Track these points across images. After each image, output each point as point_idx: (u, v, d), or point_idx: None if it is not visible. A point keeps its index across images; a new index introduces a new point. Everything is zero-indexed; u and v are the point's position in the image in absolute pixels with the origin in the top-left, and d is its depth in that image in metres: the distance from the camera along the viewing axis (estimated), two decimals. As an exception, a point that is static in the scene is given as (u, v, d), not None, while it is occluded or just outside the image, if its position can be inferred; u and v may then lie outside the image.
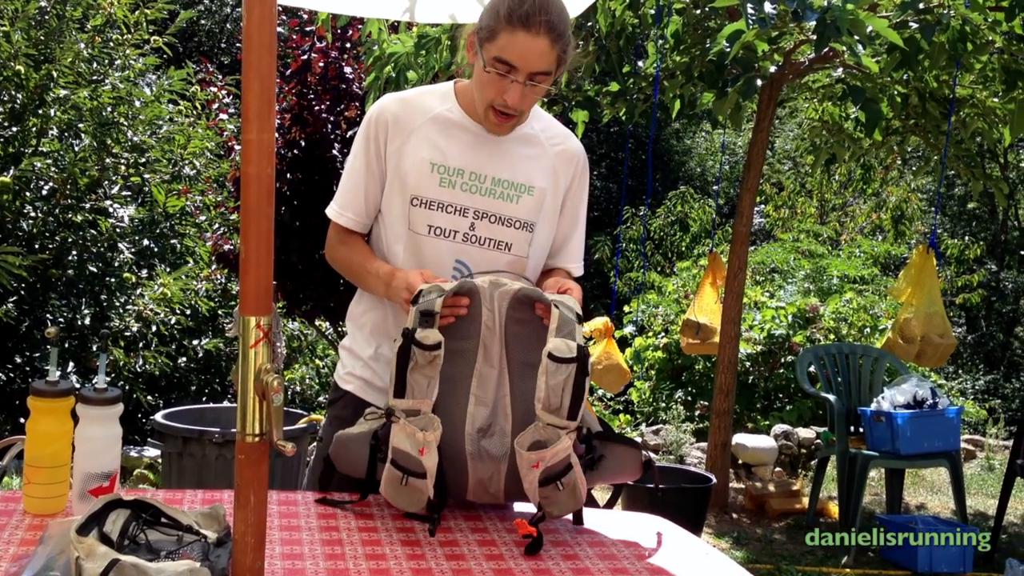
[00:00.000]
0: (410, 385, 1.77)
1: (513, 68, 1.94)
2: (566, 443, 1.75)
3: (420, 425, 1.75)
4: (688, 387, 8.08)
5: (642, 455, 1.91)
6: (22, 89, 6.48)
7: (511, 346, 1.86)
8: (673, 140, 20.99)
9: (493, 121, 2.03)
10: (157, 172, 7.30)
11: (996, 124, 5.66)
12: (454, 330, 1.82)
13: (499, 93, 1.97)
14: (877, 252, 11.09)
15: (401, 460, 1.75)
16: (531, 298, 1.86)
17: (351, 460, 1.89)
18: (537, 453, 1.73)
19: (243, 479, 1.44)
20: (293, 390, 8.18)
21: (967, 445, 8.20)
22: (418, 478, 1.74)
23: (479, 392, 1.84)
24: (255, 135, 1.41)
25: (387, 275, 2.00)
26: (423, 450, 1.72)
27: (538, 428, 1.75)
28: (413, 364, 1.76)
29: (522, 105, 1.99)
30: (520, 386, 1.84)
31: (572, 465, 1.76)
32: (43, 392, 1.70)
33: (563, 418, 1.75)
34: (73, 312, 6.59)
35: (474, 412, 1.82)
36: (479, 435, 1.81)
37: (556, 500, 1.76)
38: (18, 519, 1.69)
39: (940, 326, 5.31)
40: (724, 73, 4.82)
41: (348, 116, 6.44)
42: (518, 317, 1.86)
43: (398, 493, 1.77)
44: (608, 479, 1.87)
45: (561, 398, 1.74)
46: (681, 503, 4.86)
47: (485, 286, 1.85)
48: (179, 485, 4.07)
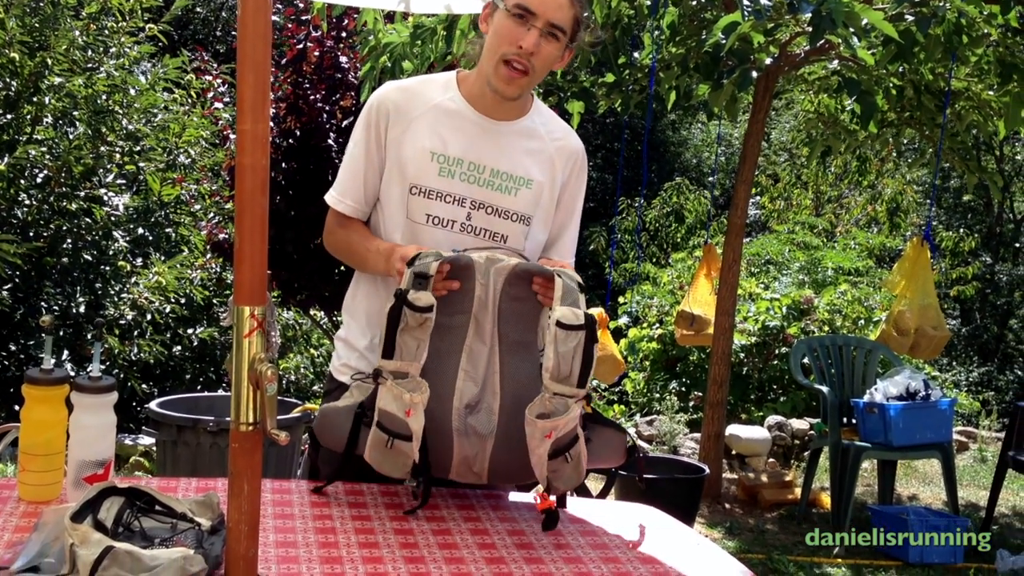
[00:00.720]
0: (399, 346, 1.75)
1: (533, 14, 1.96)
2: (575, 411, 1.75)
3: (408, 387, 1.74)
4: (682, 378, 8.10)
5: (627, 440, 1.92)
6: (16, 77, 6.46)
7: (504, 323, 1.85)
8: (669, 131, 20.99)
9: (503, 77, 2.01)
10: (152, 160, 7.29)
11: (991, 117, 5.67)
12: (446, 304, 1.81)
13: (515, 40, 1.98)
14: (872, 244, 11.11)
15: (387, 422, 1.74)
16: (530, 272, 1.85)
17: (333, 434, 1.88)
18: (551, 421, 1.71)
19: (237, 467, 1.45)
20: (288, 379, 8.18)
21: (960, 437, 8.23)
22: (403, 440, 1.73)
23: (469, 368, 1.83)
24: (250, 125, 1.41)
25: (387, 251, 2.00)
26: (409, 411, 1.71)
27: (544, 399, 1.74)
28: (403, 325, 1.75)
29: (536, 57, 2.00)
30: (510, 364, 1.84)
31: (578, 436, 1.77)
32: (37, 380, 1.71)
33: (573, 386, 1.74)
34: (68, 300, 6.59)
35: (463, 388, 1.82)
36: (466, 411, 1.81)
37: (563, 473, 1.76)
38: (12, 506, 1.70)
39: (934, 318, 5.33)
40: (720, 65, 4.82)
41: (344, 105, 6.43)
42: (513, 294, 1.85)
43: (383, 457, 1.75)
44: (593, 462, 1.86)
45: (571, 366, 1.73)
46: (674, 493, 4.88)
47: (481, 261, 1.84)
48: (174, 473, 4.08)
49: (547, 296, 1.84)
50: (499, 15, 2.01)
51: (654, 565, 1.70)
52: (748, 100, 5.96)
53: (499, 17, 2.01)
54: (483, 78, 2.06)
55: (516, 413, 1.79)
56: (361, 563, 1.58)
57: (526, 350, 1.86)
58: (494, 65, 2.01)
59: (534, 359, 1.86)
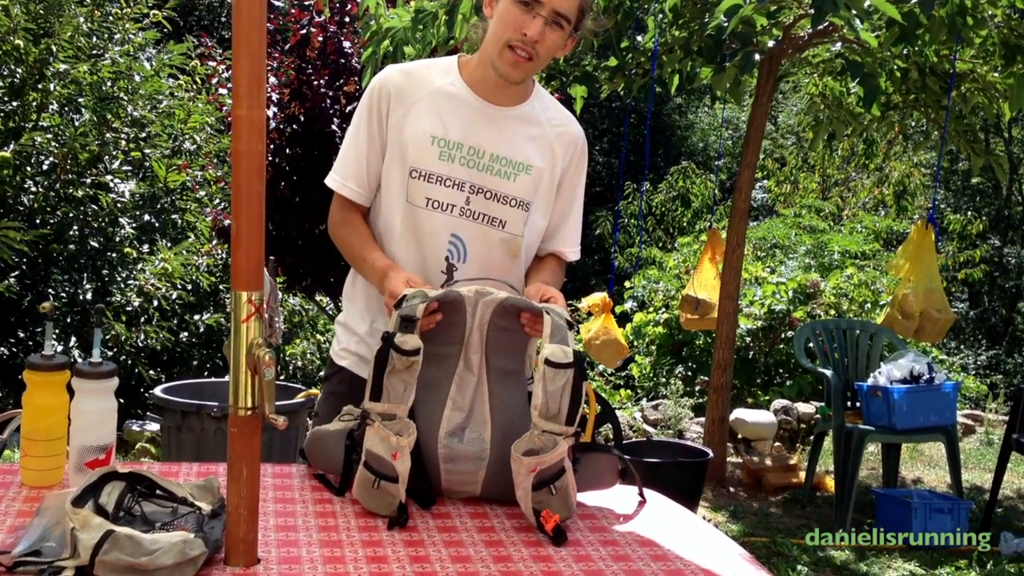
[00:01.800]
0: (386, 389, 1.75)
1: (538, 2, 1.97)
2: (563, 447, 1.74)
3: (395, 430, 1.73)
4: (688, 362, 8.10)
5: (618, 463, 1.93)
6: (22, 64, 6.47)
7: (492, 353, 1.86)
8: (675, 115, 20.93)
9: (508, 60, 2.02)
10: (157, 147, 7.29)
11: (996, 99, 5.65)
12: (438, 336, 1.82)
13: (520, 27, 1.98)
14: (879, 227, 11.07)
15: (374, 463, 1.73)
16: (517, 307, 1.86)
17: (325, 457, 1.90)
18: (536, 458, 1.71)
19: (236, 452, 1.47)
20: (294, 365, 8.20)
21: (967, 420, 8.23)
22: (390, 482, 1.71)
23: (457, 397, 1.84)
24: (245, 111, 1.42)
25: (381, 271, 2.00)
26: (396, 455, 1.70)
27: (533, 436, 1.73)
28: (391, 368, 1.74)
29: (540, 44, 2.01)
30: (499, 393, 1.85)
31: (565, 469, 1.75)
32: (39, 366, 1.72)
33: (561, 424, 1.73)
34: (75, 287, 6.61)
35: (450, 416, 1.83)
36: (451, 438, 1.81)
37: (549, 505, 1.73)
38: (15, 491, 1.72)
39: (938, 301, 5.32)
40: (722, 48, 4.81)
41: (347, 91, 6.43)
42: (501, 325, 1.86)
43: (370, 496, 1.74)
44: (584, 486, 1.86)
45: (560, 403, 1.73)
46: (678, 477, 4.89)
47: (470, 295, 1.85)
48: (178, 458, 4.10)
49: (535, 331, 1.86)
50: (504, 1, 2.01)
51: (652, 548, 1.71)
52: (752, 83, 5.95)
53: (504, 3, 2.01)
54: (486, 62, 2.06)
55: (506, 441, 1.79)
56: (360, 546, 1.60)
57: (514, 378, 1.88)
58: (499, 50, 2.02)
59: (522, 388, 1.88)
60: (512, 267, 2.14)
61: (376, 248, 2.11)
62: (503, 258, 2.13)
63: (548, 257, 2.24)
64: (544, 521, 1.70)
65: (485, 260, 2.11)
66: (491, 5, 2.06)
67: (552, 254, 2.25)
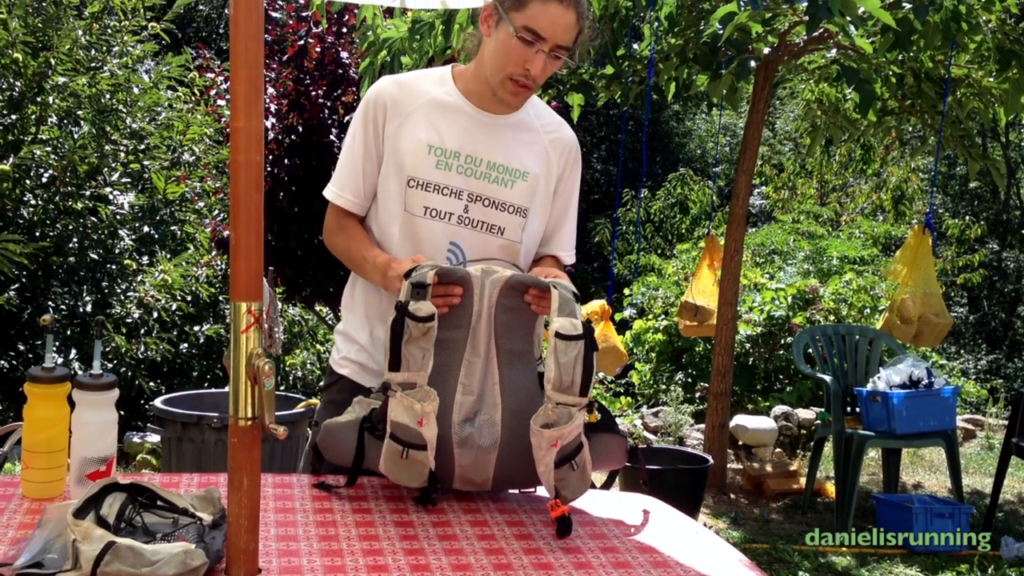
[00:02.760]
0: (405, 358, 1.76)
1: (541, 38, 1.97)
2: (579, 420, 1.76)
3: (418, 397, 1.75)
4: (688, 369, 8.11)
5: (627, 443, 1.94)
6: (20, 77, 6.48)
7: (500, 334, 1.87)
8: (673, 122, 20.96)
9: (510, 91, 2.04)
10: (156, 159, 7.30)
11: (992, 103, 5.66)
12: (445, 320, 1.83)
13: (522, 63, 2.00)
14: (877, 233, 11.09)
15: (400, 433, 1.75)
16: (524, 284, 1.87)
17: (338, 448, 1.90)
18: (556, 431, 1.73)
19: (236, 462, 1.47)
20: (294, 375, 8.20)
21: (967, 425, 8.22)
22: (419, 450, 1.74)
23: (466, 381, 1.85)
24: (243, 123, 1.43)
25: (383, 265, 2.02)
26: (422, 421, 1.73)
27: (547, 410, 1.75)
28: (407, 336, 1.76)
29: (541, 77, 2.03)
30: (508, 375, 1.86)
31: (583, 444, 1.78)
32: (39, 378, 1.73)
33: (575, 395, 1.75)
34: (75, 299, 6.61)
35: (461, 401, 1.83)
36: (465, 424, 1.83)
37: (569, 482, 1.77)
38: (16, 503, 1.72)
39: (936, 306, 5.34)
40: (718, 55, 4.83)
41: (345, 101, 6.45)
42: (507, 305, 1.87)
43: (399, 468, 1.77)
44: (595, 466, 1.87)
45: (573, 375, 1.75)
46: (678, 484, 4.89)
47: (477, 274, 1.86)
48: (179, 469, 4.10)
49: (541, 307, 1.87)
50: (506, 33, 2.00)
51: (652, 554, 1.71)
52: (749, 90, 5.96)
53: (505, 35, 2.00)
54: (483, 80, 2.08)
55: (517, 423, 1.81)
56: (361, 555, 1.60)
57: (522, 359, 1.88)
58: (500, 80, 2.04)
59: (531, 368, 1.89)
60: None
61: (374, 247, 2.12)
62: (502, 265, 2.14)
63: (545, 258, 2.26)
64: (551, 508, 1.73)
65: None
66: (488, 23, 2.06)
67: (549, 256, 2.27)
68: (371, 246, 2.13)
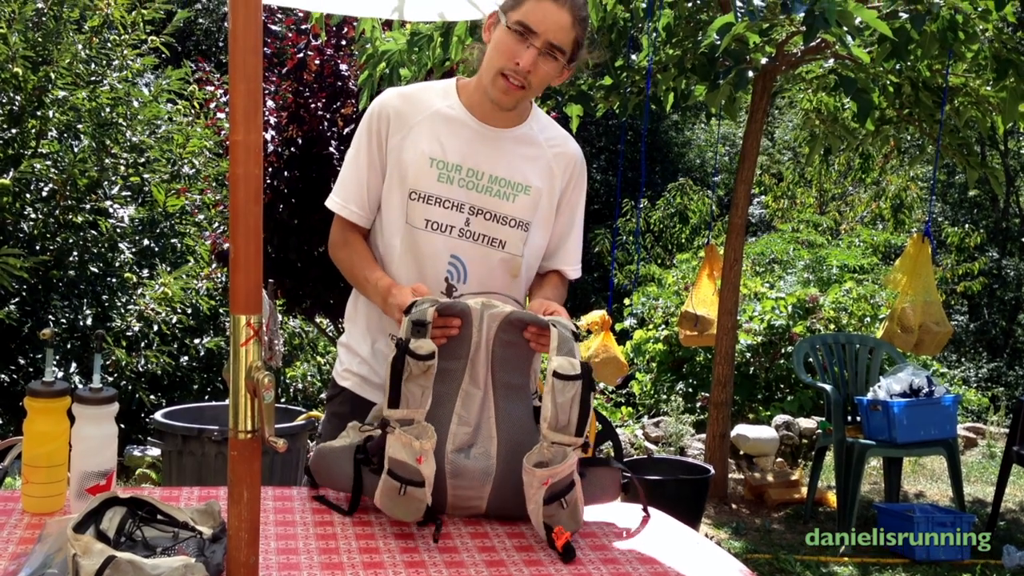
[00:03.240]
0: (405, 395, 1.76)
1: (533, 33, 1.99)
2: (573, 459, 1.76)
3: (415, 434, 1.74)
4: (689, 379, 8.10)
5: (621, 477, 1.93)
6: (20, 91, 6.49)
7: (497, 367, 1.87)
8: (672, 132, 20.99)
9: (501, 88, 2.05)
10: (156, 172, 7.31)
11: (990, 112, 5.68)
12: (443, 350, 1.83)
13: (513, 56, 2.01)
14: (877, 241, 11.09)
15: (398, 470, 1.74)
16: (523, 320, 1.87)
17: (331, 474, 1.90)
18: (548, 470, 1.72)
19: (236, 475, 1.47)
20: (295, 388, 8.20)
21: (969, 433, 8.21)
22: (416, 487, 1.73)
23: (463, 412, 1.85)
24: (242, 136, 1.43)
25: (384, 290, 2.02)
26: (421, 458, 1.72)
27: (543, 448, 1.75)
28: (408, 374, 1.76)
29: (533, 75, 2.03)
30: (505, 408, 1.86)
31: (574, 482, 1.77)
32: (39, 392, 1.73)
33: (571, 435, 1.75)
34: (75, 313, 6.61)
35: (456, 431, 1.83)
36: (458, 454, 1.82)
37: (559, 519, 1.75)
38: (17, 518, 1.72)
39: (936, 314, 5.34)
40: (716, 65, 4.84)
41: (344, 113, 6.46)
42: (505, 339, 1.87)
43: (395, 504, 1.75)
44: (587, 501, 1.86)
45: (569, 415, 1.74)
46: (679, 494, 4.88)
47: (477, 307, 1.87)
48: (179, 483, 4.10)
49: (540, 345, 1.87)
50: (500, 29, 2.03)
51: (654, 565, 1.71)
52: (747, 100, 5.98)
53: (500, 31, 2.04)
54: (481, 87, 2.09)
55: (513, 455, 1.81)
56: (362, 568, 1.60)
57: (518, 393, 1.89)
58: (492, 77, 2.05)
59: (527, 403, 1.90)
60: (512, 287, 2.16)
61: (377, 268, 2.12)
62: (503, 278, 2.14)
63: (550, 274, 2.27)
64: (556, 538, 1.71)
65: (485, 280, 2.12)
66: (489, 31, 2.09)
67: (554, 271, 2.27)
68: (374, 266, 2.13)
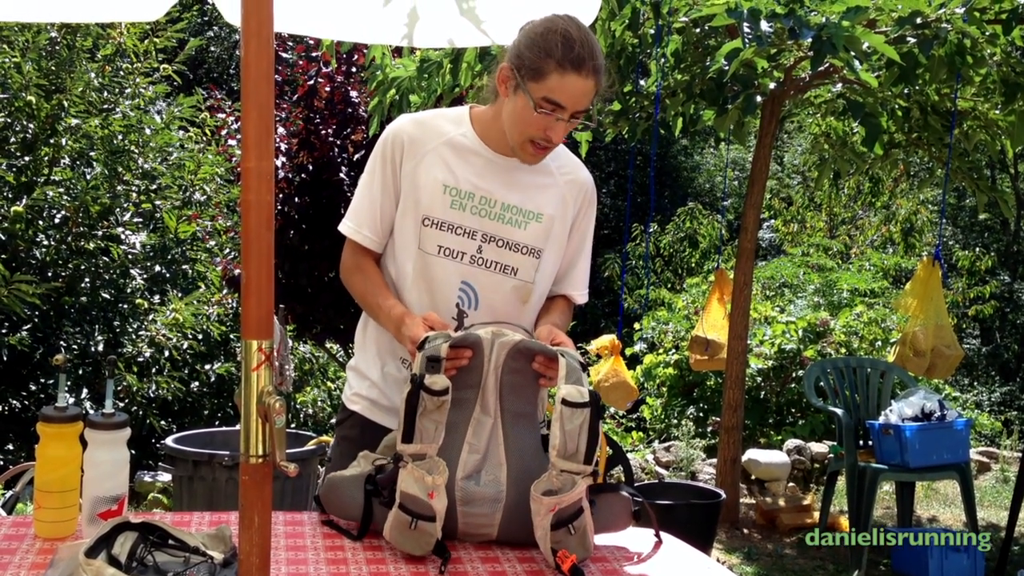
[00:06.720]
0: (419, 430, 1.77)
1: (560, 107, 1.99)
2: (581, 487, 1.76)
3: (427, 469, 1.75)
4: (700, 403, 8.07)
5: (632, 504, 1.93)
6: (34, 119, 6.55)
7: (506, 395, 1.89)
8: (682, 156, 21.02)
9: (530, 153, 2.07)
10: (168, 198, 7.36)
11: (999, 136, 5.68)
12: (455, 380, 1.84)
13: (542, 130, 2.02)
14: (887, 265, 11.07)
15: (410, 504, 1.75)
16: (531, 350, 1.88)
17: (342, 503, 1.90)
18: (556, 498, 1.73)
19: (247, 500, 1.47)
20: (305, 413, 8.20)
21: (982, 457, 8.15)
22: (427, 521, 1.74)
23: (473, 440, 1.86)
24: (254, 163, 1.45)
25: (397, 319, 2.04)
26: (432, 494, 1.73)
27: (552, 476, 1.76)
28: (422, 409, 1.76)
29: (560, 139, 2.06)
30: (513, 436, 1.88)
31: (583, 509, 1.78)
32: (51, 418, 1.74)
33: (579, 463, 1.75)
34: (86, 339, 6.64)
35: (466, 459, 1.85)
36: (468, 481, 1.83)
37: (567, 545, 1.75)
38: (29, 543, 1.73)
39: (948, 337, 5.32)
40: (724, 90, 4.86)
41: (355, 140, 6.50)
42: (514, 367, 1.89)
43: (405, 538, 1.76)
44: (598, 529, 1.86)
45: (577, 443, 1.75)
46: (690, 519, 4.85)
47: (487, 337, 1.88)
48: (191, 508, 4.09)
49: (547, 379, 1.89)
50: (525, 101, 2.00)
51: (663, 590, 1.70)
52: (755, 124, 5.99)
53: (525, 103, 2.01)
54: (501, 131, 2.10)
55: (523, 481, 1.82)
56: (372, 593, 1.60)
57: (526, 421, 1.90)
58: (520, 143, 2.06)
59: (535, 430, 1.91)
60: (523, 313, 2.17)
61: (390, 295, 2.13)
62: (514, 304, 2.15)
63: (557, 299, 2.27)
64: (561, 561, 1.72)
65: (496, 306, 2.13)
66: (506, 85, 2.05)
67: (561, 296, 2.28)
68: (387, 293, 2.14)
